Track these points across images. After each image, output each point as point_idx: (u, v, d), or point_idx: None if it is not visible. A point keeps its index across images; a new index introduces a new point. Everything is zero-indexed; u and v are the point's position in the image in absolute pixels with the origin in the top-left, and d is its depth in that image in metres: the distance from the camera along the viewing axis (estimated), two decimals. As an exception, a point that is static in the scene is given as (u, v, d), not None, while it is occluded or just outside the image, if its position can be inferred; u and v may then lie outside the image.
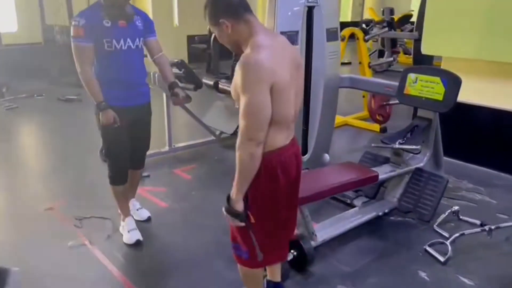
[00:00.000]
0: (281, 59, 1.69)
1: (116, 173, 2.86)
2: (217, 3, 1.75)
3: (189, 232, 3.09)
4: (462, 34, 4.14)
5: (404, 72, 3.43)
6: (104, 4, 2.59)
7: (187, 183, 3.92)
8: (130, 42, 2.65)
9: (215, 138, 4.79)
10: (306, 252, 2.56)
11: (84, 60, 2.56)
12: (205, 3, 1.77)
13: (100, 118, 2.62)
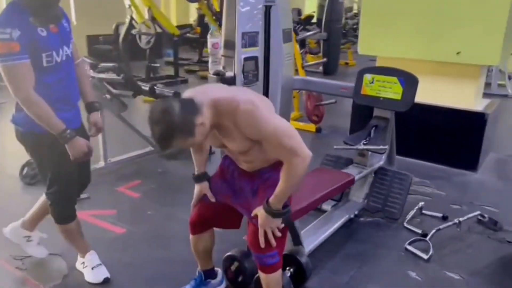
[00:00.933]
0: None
1: (66, 208, 2.32)
2: (178, 116, 1.60)
3: (160, 259, 2.72)
4: (394, 36, 4.36)
5: (360, 73, 3.44)
6: (29, 5, 1.97)
7: (137, 202, 3.49)
8: (66, 49, 2.13)
9: (153, 149, 4.37)
10: (305, 266, 2.40)
11: (25, 81, 1.96)
12: (165, 130, 1.60)
13: (70, 151, 2.10)
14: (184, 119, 1.61)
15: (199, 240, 2.19)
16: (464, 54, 3.97)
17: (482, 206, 3.43)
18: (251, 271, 2.34)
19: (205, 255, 2.27)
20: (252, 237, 1.93)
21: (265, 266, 1.95)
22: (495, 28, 3.78)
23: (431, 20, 4.11)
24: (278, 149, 1.76)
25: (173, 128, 1.61)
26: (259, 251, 1.92)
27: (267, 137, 1.74)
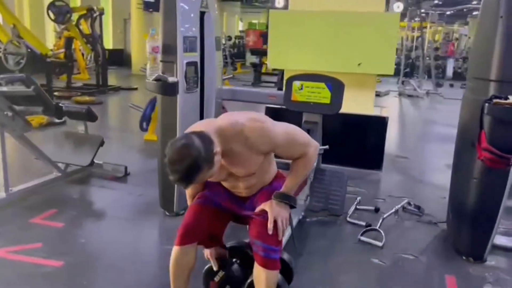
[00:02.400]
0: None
1: None
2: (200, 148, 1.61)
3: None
4: (299, 52, 4.67)
5: (288, 81, 3.57)
6: None
7: (64, 232, 2.98)
8: None
9: (60, 174, 3.81)
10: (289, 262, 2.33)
11: None
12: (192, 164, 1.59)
13: None
14: (206, 150, 1.62)
15: (184, 253, 1.96)
16: (364, 65, 4.44)
17: (400, 197, 3.80)
18: (238, 278, 2.19)
19: (186, 273, 2.02)
20: (259, 227, 1.87)
21: (269, 260, 1.85)
22: (389, 43, 4.34)
23: (333, 35, 4.52)
24: (293, 148, 1.86)
25: (200, 161, 1.60)
26: (266, 242, 1.85)
27: (281, 144, 1.82)
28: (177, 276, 2.00)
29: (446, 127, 7.33)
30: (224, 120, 1.82)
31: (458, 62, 16.42)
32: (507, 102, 2.38)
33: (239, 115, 1.86)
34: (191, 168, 1.59)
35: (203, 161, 1.60)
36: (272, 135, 1.79)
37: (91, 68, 11.89)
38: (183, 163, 1.57)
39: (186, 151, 1.58)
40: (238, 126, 1.76)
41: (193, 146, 1.59)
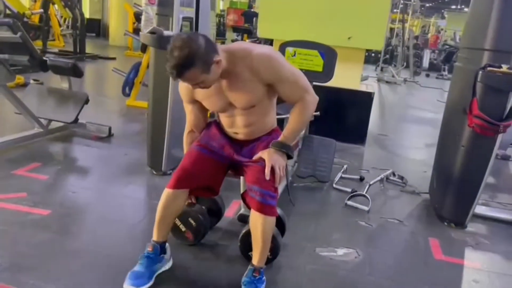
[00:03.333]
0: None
1: None
2: (202, 46, 1.65)
3: (106, 236, 2.32)
4: (290, 22, 4.63)
5: (281, 47, 3.56)
6: None
7: (50, 183, 2.90)
8: None
9: (42, 130, 3.68)
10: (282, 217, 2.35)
11: None
12: (187, 55, 1.62)
13: None
14: (206, 50, 1.65)
15: (175, 197, 1.95)
16: (354, 39, 4.46)
17: (383, 169, 3.87)
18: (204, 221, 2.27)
19: (171, 217, 2.03)
20: (257, 173, 1.88)
21: (266, 205, 1.86)
22: (380, 18, 4.37)
23: (324, 7, 4.51)
24: (294, 88, 1.87)
25: (195, 55, 1.62)
26: (263, 187, 1.85)
27: (284, 77, 1.83)
28: (163, 218, 1.98)
29: (423, 111, 7.55)
30: (235, 45, 1.87)
31: (434, 53, 16.82)
32: (500, 70, 2.45)
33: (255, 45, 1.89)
34: (185, 59, 1.61)
35: (199, 58, 1.63)
36: (278, 66, 1.81)
37: (66, 35, 11.53)
38: (181, 52, 1.61)
39: (186, 42, 1.62)
40: (247, 49, 1.79)
41: (196, 41, 1.64)
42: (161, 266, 2.00)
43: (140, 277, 1.89)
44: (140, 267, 1.92)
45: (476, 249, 2.65)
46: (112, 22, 13.60)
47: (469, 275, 2.37)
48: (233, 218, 2.64)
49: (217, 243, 2.37)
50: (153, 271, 1.95)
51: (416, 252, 2.56)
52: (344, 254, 2.41)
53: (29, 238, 2.19)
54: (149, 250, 1.97)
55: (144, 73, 5.19)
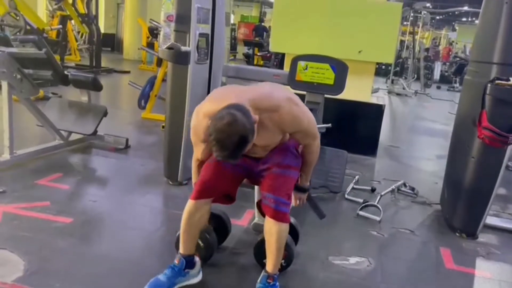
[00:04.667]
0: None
1: None
2: (245, 123, 1.67)
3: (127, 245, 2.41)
4: (301, 37, 4.74)
5: (293, 60, 3.66)
6: None
7: (71, 193, 3.02)
8: None
9: (62, 142, 3.82)
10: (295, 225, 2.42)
11: None
12: (241, 138, 1.66)
13: None
14: (249, 122, 1.68)
15: (199, 208, 2.01)
16: (365, 53, 4.55)
17: (394, 180, 3.92)
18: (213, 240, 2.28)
19: (197, 229, 2.06)
20: (271, 181, 1.96)
21: (279, 212, 1.92)
22: (391, 31, 4.46)
23: (335, 22, 4.61)
24: (307, 136, 2.01)
25: (247, 134, 1.67)
26: (277, 194, 1.93)
27: (303, 130, 1.96)
28: (188, 230, 2.02)
29: (434, 123, 7.58)
30: (257, 92, 1.88)
31: (445, 65, 16.82)
32: (508, 83, 2.52)
33: (273, 89, 1.94)
34: (240, 144, 1.66)
35: (249, 133, 1.67)
36: (301, 121, 1.91)
37: (82, 50, 11.82)
38: (232, 140, 1.63)
39: (233, 128, 1.63)
40: (274, 101, 1.84)
41: (237, 122, 1.63)
42: (183, 280, 2.04)
43: (159, 286, 1.96)
44: (163, 276, 1.99)
45: (487, 259, 2.69)
46: (126, 37, 13.89)
47: (480, 285, 2.41)
48: (247, 227, 2.72)
49: (232, 251, 2.45)
50: (174, 283, 2.00)
51: (428, 261, 2.60)
52: (356, 262, 2.47)
53: (54, 245, 2.29)
54: (175, 263, 2.02)
55: (159, 86, 5.34)
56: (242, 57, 14.61)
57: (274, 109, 1.83)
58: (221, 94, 1.93)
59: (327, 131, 3.43)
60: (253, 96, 1.83)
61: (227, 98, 1.79)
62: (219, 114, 1.67)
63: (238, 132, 1.63)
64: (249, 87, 1.98)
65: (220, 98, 1.85)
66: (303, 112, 1.93)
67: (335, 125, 3.56)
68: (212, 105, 1.83)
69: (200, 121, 1.88)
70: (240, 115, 1.65)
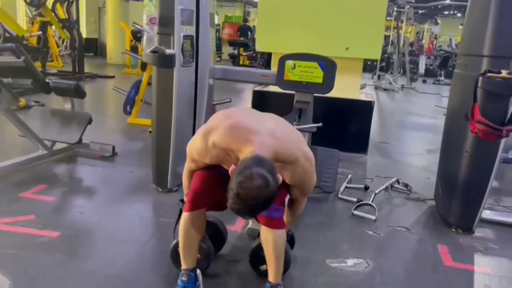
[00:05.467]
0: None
1: None
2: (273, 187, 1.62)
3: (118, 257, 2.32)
4: (287, 35, 4.68)
5: (281, 60, 3.59)
6: None
7: (56, 205, 2.91)
8: None
9: (46, 152, 3.70)
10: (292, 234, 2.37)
11: None
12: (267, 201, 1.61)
13: None
14: (276, 186, 1.64)
15: (195, 219, 1.93)
16: (352, 49, 4.51)
17: (387, 177, 3.88)
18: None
19: (196, 243, 1.99)
20: None
21: (272, 219, 1.87)
22: (376, 27, 4.42)
23: (322, 19, 4.56)
24: (303, 194, 2.03)
25: (272, 200, 1.64)
26: None
27: (304, 189, 1.98)
28: (188, 243, 1.95)
29: (422, 117, 7.59)
30: (279, 141, 1.80)
31: (429, 59, 16.94)
32: (500, 76, 2.48)
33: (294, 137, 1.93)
34: (263, 207, 1.63)
35: (276, 194, 1.63)
36: (306, 180, 1.93)
37: (64, 56, 11.61)
38: (257, 203, 1.59)
39: (262, 192, 1.57)
40: (293, 155, 1.83)
41: (268, 189, 1.58)
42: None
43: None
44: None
45: (485, 254, 2.65)
46: (109, 41, 13.71)
47: (480, 281, 2.37)
48: (241, 233, 2.65)
49: (227, 258, 2.37)
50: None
51: (426, 260, 2.56)
52: (354, 264, 2.41)
53: (40, 261, 2.19)
54: (184, 280, 1.94)
55: (144, 91, 5.23)
56: (227, 57, 14.52)
57: (291, 162, 1.82)
58: (240, 127, 1.81)
59: (317, 130, 3.37)
60: (274, 146, 1.77)
61: (247, 138, 1.75)
62: (247, 172, 1.58)
63: (265, 196, 1.58)
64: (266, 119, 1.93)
65: (239, 133, 1.78)
66: (312, 172, 1.94)
67: (325, 123, 3.52)
68: (228, 139, 1.79)
69: (208, 148, 1.83)
70: (271, 180, 1.59)
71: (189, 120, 3.32)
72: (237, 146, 1.76)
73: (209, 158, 1.86)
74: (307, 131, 3.43)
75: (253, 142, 1.74)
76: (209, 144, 1.82)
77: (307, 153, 1.90)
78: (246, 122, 1.86)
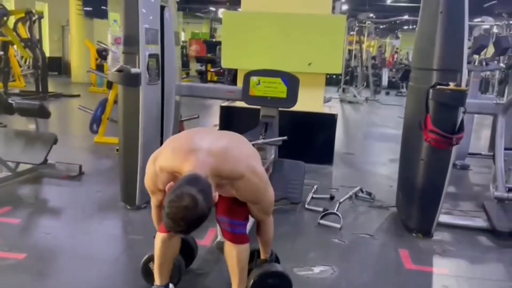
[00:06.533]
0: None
1: None
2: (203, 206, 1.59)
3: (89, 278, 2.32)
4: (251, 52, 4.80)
5: (246, 76, 3.70)
6: None
7: (22, 227, 2.87)
8: None
9: (10, 174, 3.64)
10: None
11: None
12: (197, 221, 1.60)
13: None
14: (207, 206, 1.62)
15: (171, 239, 1.97)
16: (314, 65, 4.68)
17: (351, 187, 4.02)
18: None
19: (171, 260, 2.04)
20: (225, 204, 1.91)
21: (235, 234, 1.92)
22: (337, 43, 4.61)
23: (284, 37, 4.71)
24: (261, 212, 1.98)
25: (203, 219, 1.61)
26: (231, 217, 1.92)
27: (259, 204, 1.93)
28: (163, 262, 1.99)
29: (385, 128, 7.86)
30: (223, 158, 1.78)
31: (392, 72, 17.55)
32: (448, 88, 2.67)
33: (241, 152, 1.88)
34: (194, 226, 1.60)
35: (205, 217, 1.61)
36: (259, 197, 1.89)
37: (26, 75, 11.37)
38: (186, 223, 1.58)
39: (190, 212, 1.56)
40: (237, 171, 1.78)
41: (196, 208, 1.56)
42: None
43: None
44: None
45: (443, 256, 2.80)
46: (73, 59, 13.51)
47: (438, 282, 2.51)
48: (211, 246, 2.69)
49: (196, 272, 2.41)
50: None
51: (388, 264, 2.68)
52: (321, 271, 2.50)
53: (8, 283, 2.17)
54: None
55: (111, 109, 5.22)
56: (195, 73, 14.59)
57: (236, 177, 1.79)
58: (181, 147, 1.82)
59: (283, 144, 3.47)
60: (215, 162, 1.74)
61: (188, 156, 1.74)
62: (179, 190, 1.58)
63: (193, 216, 1.57)
64: (212, 138, 1.88)
65: (179, 152, 1.78)
66: (265, 187, 1.89)
67: (291, 137, 3.62)
68: (170, 160, 1.79)
69: (158, 174, 1.83)
70: (201, 200, 1.57)
71: (156, 137, 3.35)
72: (179, 167, 1.74)
73: (161, 183, 1.83)
74: (273, 144, 3.53)
75: (191, 160, 1.73)
76: (157, 169, 1.82)
77: (255, 168, 1.84)
78: (187, 142, 1.86)
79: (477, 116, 5.02)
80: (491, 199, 3.43)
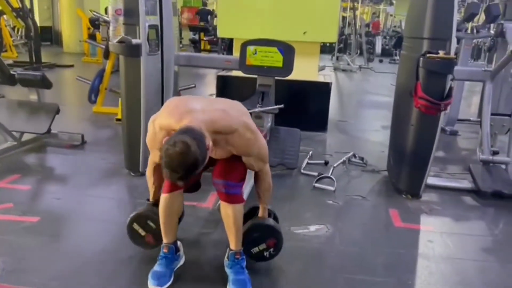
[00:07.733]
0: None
1: None
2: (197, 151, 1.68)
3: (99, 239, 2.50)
4: (247, 21, 4.85)
5: (243, 46, 3.78)
6: None
7: (32, 193, 3.03)
8: None
9: (15, 143, 3.76)
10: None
11: None
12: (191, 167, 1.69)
13: None
14: (201, 151, 1.70)
15: (174, 198, 2.08)
16: (309, 33, 4.75)
17: (345, 153, 4.19)
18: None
19: (175, 220, 2.16)
20: (220, 167, 2.03)
21: (230, 195, 2.02)
22: (332, 12, 4.67)
23: (279, 5, 4.76)
24: (258, 163, 2.08)
25: (198, 163, 1.70)
26: (226, 178, 2.01)
27: (253, 156, 2.04)
28: (168, 221, 2.11)
29: (378, 96, 7.99)
30: (214, 114, 1.90)
31: (385, 39, 17.52)
32: (438, 56, 2.79)
33: (230, 111, 1.97)
34: (190, 171, 1.70)
35: (200, 162, 1.71)
36: (253, 148, 2.00)
37: (18, 45, 11.27)
38: (182, 168, 1.67)
39: (183, 157, 1.65)
40: (230, 125, 1.90)
41: (189, 153, 1.65)
42: (177, 263, 2.17)
43: (162, 277, 2.06)
44: (160, 267, 2.09)
45: (429, 215, 3.01)
46: (64, 29, 13.33)
47: (424, 237, 2.71)
48: (213, 209, 2.87)
49: (201, 231, 2.59)
50: (172, 268, 2.12)
51: (379, 222, 2.88)
52: (316, 229, 2.69)
53: (25, 244, 2.33)
54: (165, 251, 2.12)
55: (108, 79, 5.30)
56: (188, 42, 14.47)
57: (230, 132, 1.90)
58: (177, 108, 1.94)
59: (280, 112, 3.61)
60: (209, 118, 1.86)
61: (183, 115, 1.85)
62: (173, 139, 1.69)
63: (188, 161, 1.67)
64: (207, 102, 2.02)
65: (176, 112, 1.89)
66: (256, 139, 2.00)
67: (287, 105, 3.75)
68: (167, 119, 1.90)
69: (157, 133, 1.93)
70: (194, 145, 1.67)
71: (157, 105, 3.45)
72: (175, 125, 1.84)
73: (159, 141, 1.90)
74: (270, 112, 3.67)
75: (187, 119, 1.83)
76: (157, 128, 1.93)
77: (247, 123, 1.97)
78: (184, 103, 1.98)
79: (467, 83, 5.17)
80: (477, 162, 3.62)
